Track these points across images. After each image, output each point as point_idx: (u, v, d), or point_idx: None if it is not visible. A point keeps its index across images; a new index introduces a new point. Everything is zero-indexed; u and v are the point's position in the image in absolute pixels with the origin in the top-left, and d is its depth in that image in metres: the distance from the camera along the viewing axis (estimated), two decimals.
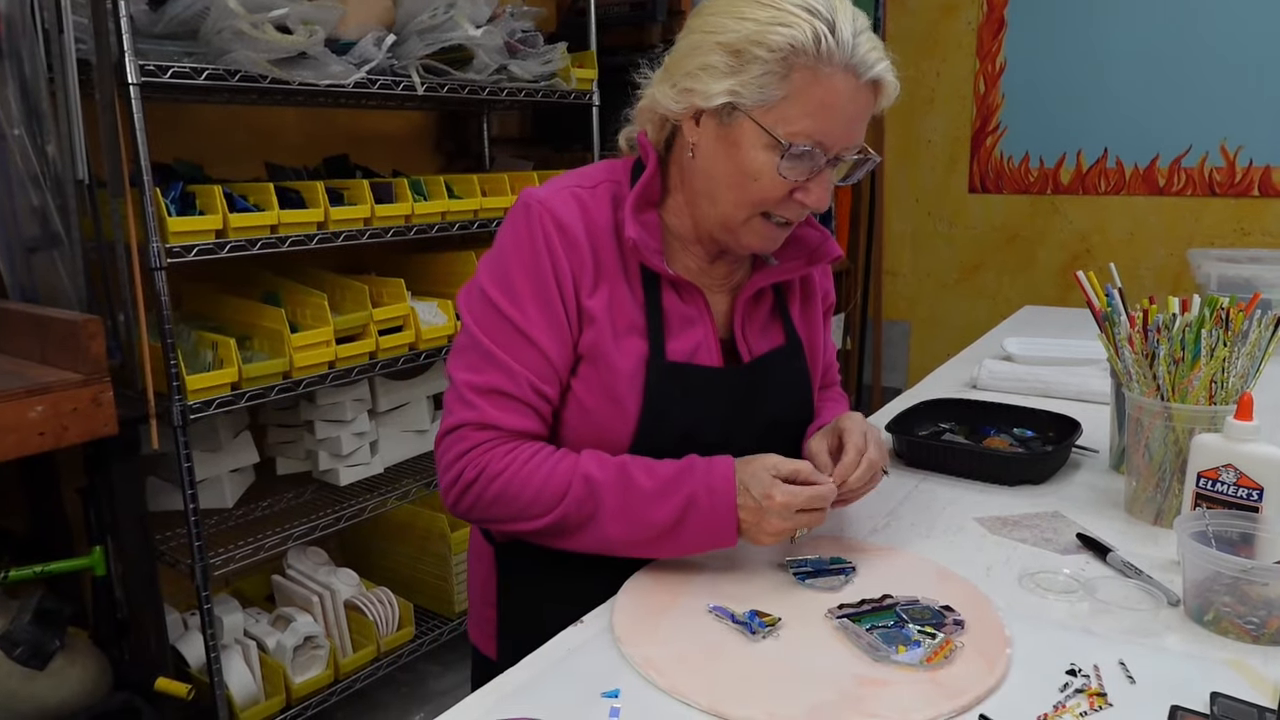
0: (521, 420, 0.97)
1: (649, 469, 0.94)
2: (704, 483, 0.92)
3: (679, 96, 0.95)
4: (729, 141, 0.94)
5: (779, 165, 0.92)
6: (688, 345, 1.01)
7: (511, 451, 0.96)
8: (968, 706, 0.76)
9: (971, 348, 2.07)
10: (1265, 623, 0.85)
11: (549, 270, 0.95)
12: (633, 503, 0.92)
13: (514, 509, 0.95)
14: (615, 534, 0.93)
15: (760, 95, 0.90)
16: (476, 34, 2.07)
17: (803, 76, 0.89)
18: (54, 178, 1.64)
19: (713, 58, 0.91)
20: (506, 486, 0.94)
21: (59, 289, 1.67)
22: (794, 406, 1.12)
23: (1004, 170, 3.60)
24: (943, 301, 3.85)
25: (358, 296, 2.04)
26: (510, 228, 0.99)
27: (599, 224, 0.99)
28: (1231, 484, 0.98)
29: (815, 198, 0.95)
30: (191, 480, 1.74)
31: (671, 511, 0.92)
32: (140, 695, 1.60)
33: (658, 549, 0.95)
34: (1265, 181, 3.16)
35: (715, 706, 0.76)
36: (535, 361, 0.96)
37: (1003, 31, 3.51)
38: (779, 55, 0.88)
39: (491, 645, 1.14)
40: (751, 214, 0.96)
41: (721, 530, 0.92)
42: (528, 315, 0.95)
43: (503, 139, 2.95)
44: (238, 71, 1.72)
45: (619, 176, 1.03)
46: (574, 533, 0.95)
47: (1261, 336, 1.07)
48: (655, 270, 0.99)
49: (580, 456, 0.96)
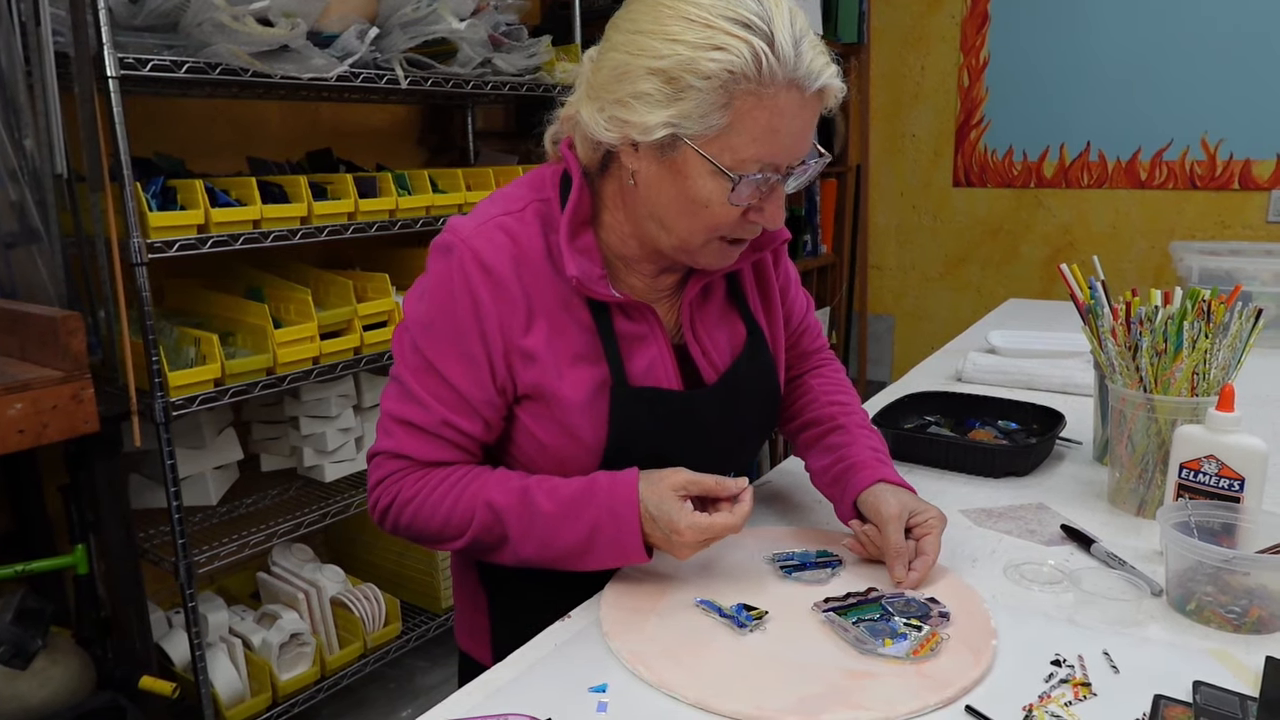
0: (434, 452, 0.95)
1: (551, 491, 0.91)
2: (607, 507, 0.89)
3: (610, 125, 0.87)
4: (674, 171, 0.87)
5: (729, 195, 0.86)
6: (642, 365, 0.97)
7: (421, 479, 0.95)
8: (954, 698, 0.76)
9: (956, 341, 2.08)
10: (1246, 612, 0.86)
11: (468, 315, 0.91)
12: (537, 527, 0.91)
13: (429, 532, 0.95)
14: (529, 554, 0.93)
15: (702, 125, 0.83)
16: (460, 27, 2.06)
17: (745, 103, 0.82)
18: (32, 172, 1.62)
19: (645, 85, 0.84)
20: (418, 513, 0.94)
21: (38, 285, 1.65)
22: (764, 408, 1.08)
23: (988, 164, 3.61)
24: (927, 295, 3.87)
25: (342, 292, 2.02)
26: (433, 268, 0.94)
27: (530, 254, 0.93)
28: (1213, 475, 0.99)
29: (769, 216, 0.91)
30: (175, 477, 1.72)
31: (578, 537, 0.90)
32: (124, 694, 1.58)
33: (577, 565, 0.92)
34: (1245, 175, 3.19)
35: (702, 700, 0.76)
36: (449, 398, 0.93)
37: (986, 25, 3.52)
38: (716, 83, 0.81)
39: (485, 651, 1.11)
40: (708, 239, 0.91)
41: (631, 552, 0.90)
42: (443, 355, 0.92)
43: (487, 133, 2.93)
44: (219, 64, 1.70)
45: (546, 193, 0.97)
46: (492, 552, 0.95)
47: (1242, 328, 1.08)
48: (603, 299, 0.94)
49: (486, 480, 0.93)
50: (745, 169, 0.85)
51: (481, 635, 1.11)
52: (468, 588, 1.13)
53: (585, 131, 0.91)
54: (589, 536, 0.89)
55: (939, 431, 1.42)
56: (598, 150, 0.93)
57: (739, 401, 1.03)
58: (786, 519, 1.15)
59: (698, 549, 0.89)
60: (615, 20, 0.90)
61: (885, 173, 3.84)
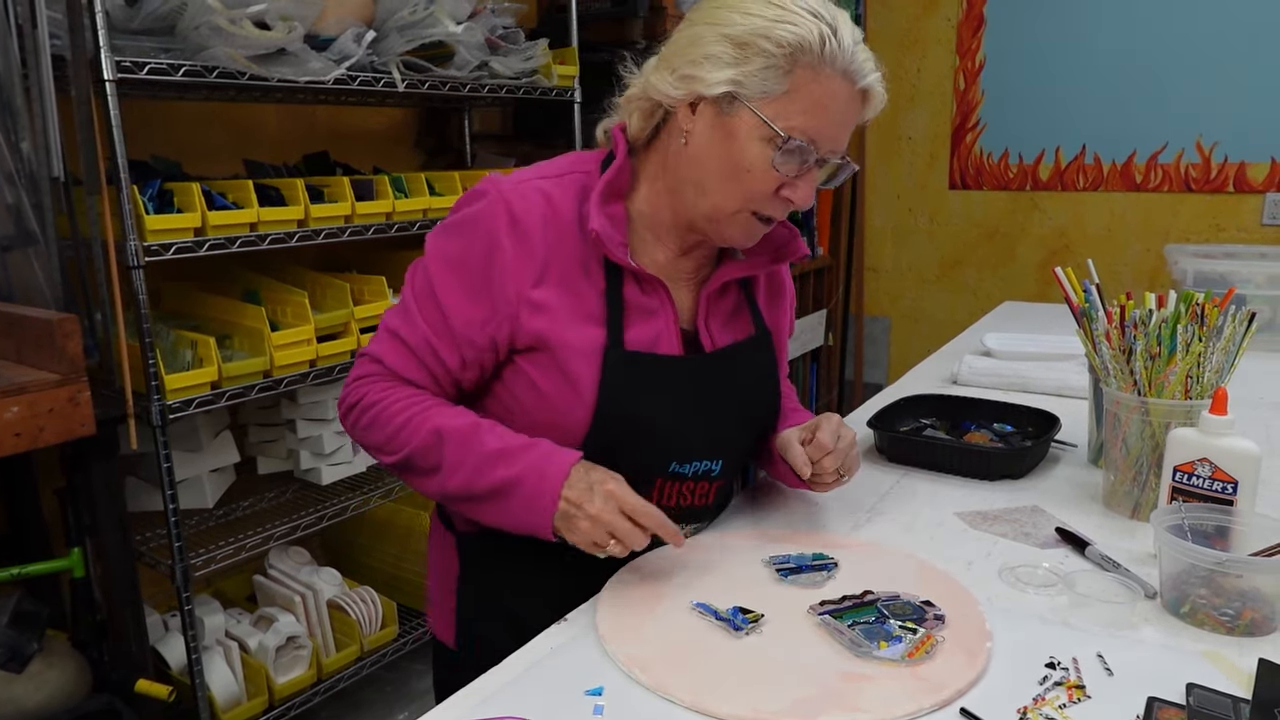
0: (409, 368, 1.00)
1: (500, 435, 0.96)
2: (538, 463, 0.93)
3: (678, 83, 0.95)
4: (726, 131, 0.95)
5: (773, 158, 0.93)
6: (648, 335, 1.01)
7: (390, 389, 1.01)
8: (949, 700, 0.77)
9: (952, 343, 2.08)
10: (1240, 614, 0.86)
11: (483, 257, 0.97)
12: (470, 459, 0.95)
13: (375, 441, 1.01)
14: (454, 485, 0.96)
15: (762, 87, 0.92)
16: (457, 30, 2.06)
17: (805, 74, 0.91)
18: (29, 175, 1.62)
19: (716, 48, 0.93)
20: (374, 420, 1.00)
21: (35, 288, 1.64)
22: (761, 397, 1.12)
23: (984, 166, 3.62)
24: (923, 297, 3.87)
25: (339, 294, 2.03)
26: (461, 209, 1.01)
27: (563, 215, 0.99)
28: (1207, 478, 1.00)
29: (802, 195, 0.97)
30: (171, 480, 1.72)
31: (503, 478, 0.93)
32: (120, 697, 1.58)
33: (488, 512, 0.96)
34: (1240, 178, 3.20)
35: (699, 703, 0.76)
36: (439, 325, 0.98)
37: (982, 28, 3.53)
38: (785, 51, 0.90)
39: (450, 634, 1.14)
40: (740, 208, 0.97)
41: (540, 509, 0.92)
42: (447, 285, 0.98)
43: (484, 135, 2.94)
44: (216, 68, 1.70)
45: (588, 168, 1.03)
46: (418, 477, 1.00)
47: (1236, 332, 1.09)
48: (617, 263, 0.99)
49: (442, 410, 0.99)
50: (793, 134, 0.92)
51: (448, 617, 1.13)
52: (439, 568, 1.16)
53: (652, 96, 0.98)
54: (513, 481, 0.93)
55: (934, 434, 1.42)
56: (653, 117, 1.01)
57: (734, 380, 1.08)
58: (783, 522, 1.15)
59: (593, 534, 0.91)
60: (697, 4, 0.99)
61: (881, 175, 3.85)
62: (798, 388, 3.73)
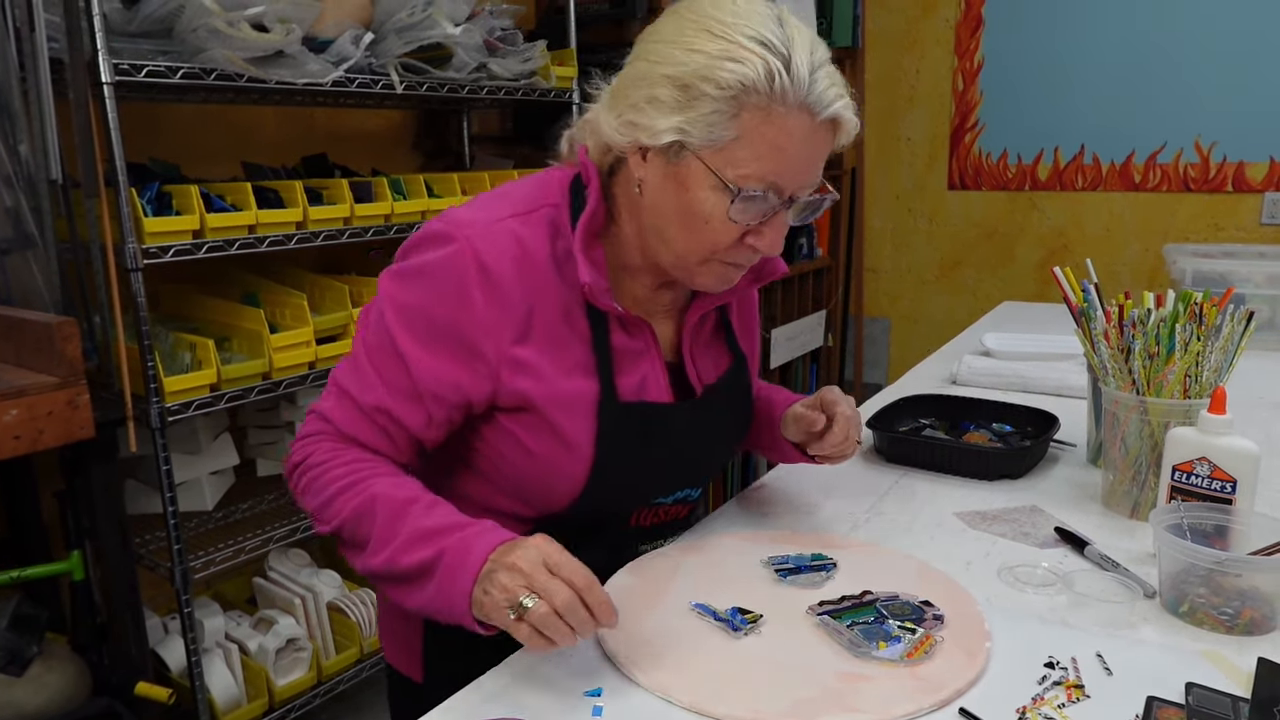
0: (359, 431, 0.91)
1: (441, 513, 0.84)
2: (462, 540, 0.81)
3: (623, 129, 0.88)
4: (677, 181, 0.87)
5: (729, 209, 0.85)
6: (636, 380, 0.97)
7: (336, 451, 0.91)
8: (948, 700, 0.77)
9: (951, 344, 2.08)
10: (1239, 613, 0.86)
11: (453, 313, 0.88)
12: (397, 535, 0.83)
13: (313, 505, 0.91)
14: (377, 564, 0.85)
15: (709, 135, 0.83)
16: (455, 32, 2.06)
17: (754, 116, 0.82)
18: (27, 178, 1.62)
19: (660, 90, 0.84)
20: (313, 481, 0.90)
21: (33, 291, 1.65)
22: (744, 420, 1.12)
23: (983, 167, 3.62)
24: (923, 298, 3.87)
25: (338, 296, 2.03)
26: (424, 254, 0.90)
27: (538, 259, 0.91)
28: (1206, 477, 0.99)
29: (768, 242, 0.89)
30: (171, 483, 1.72)
31: (424, 557, 0.81)
32: (120, 700, 1.58)
33: (408, 595, 0.84)
34: (1239, 177, 3.20)
35: (698, 704, 0.76)
36: (399, 383, 0.89)
37: (980, 29, 3.53)
38: (728, 94, 0.81)
39: (416, 666, 1.06)
40: (707, 258, 0.90)
41: (457, 593, 0.78)
42: (411, 341, 0.89)
43: (483, 137, 2.94)
44: (214, 70, 1.70)
45: (555, 198, 0.95)
46: (352, 551, 0.89)
47: (1234, 331, 1.09)
48: (605, 310, 0.93)
49: (385, 478, 0.88)
50: (747, 184, 0.84)
51: (412, 645, 1.06)
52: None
53: (600, 136, 0.91)
54: (433, 559, 0.81)
55: (934, 434, 1.42)
56: (607, 156, 0.94)
57: (717, 416, 1.05)
58: (782, 522, 1.15)
59: (511, 591, 0.75)
60: (644, 32, 0.91)
61: (880, 176, 3.85)
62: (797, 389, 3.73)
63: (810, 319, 3.64)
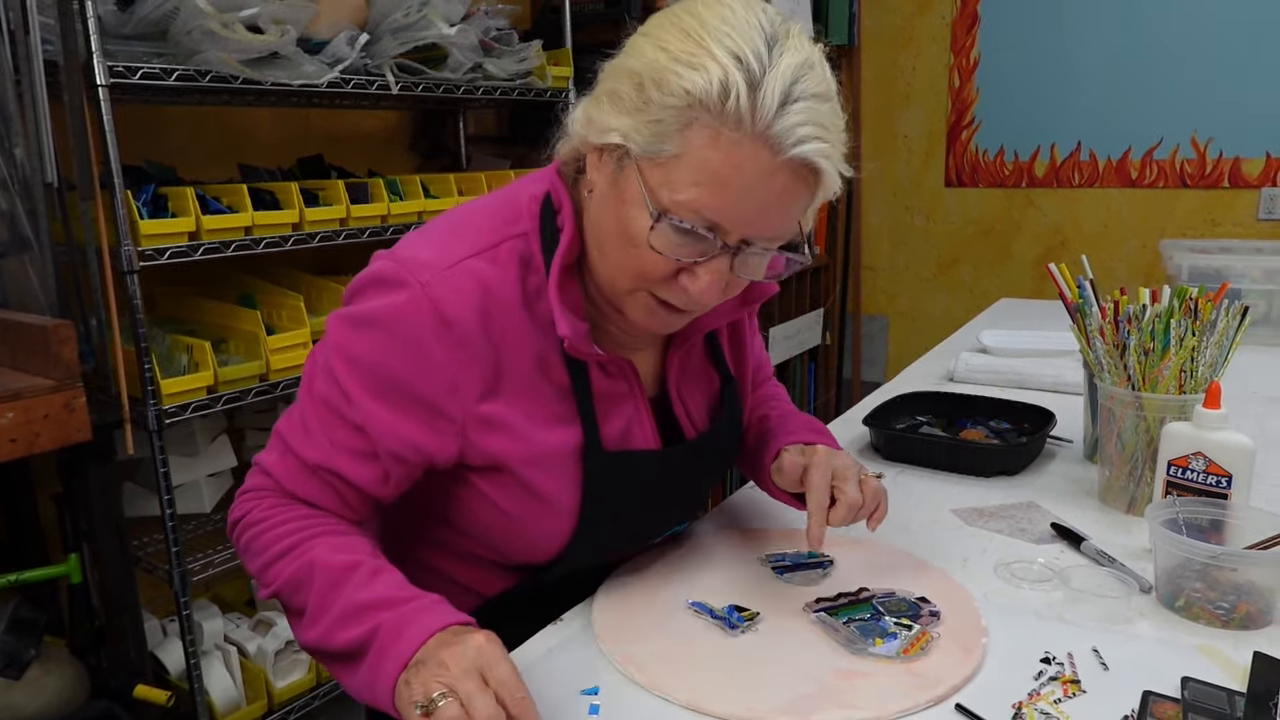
0: (304, 489, 0.82)
1: (383, 584, 0.75)
2: (399, 616, 0.71)
3: (581, 122, 0.79)
4: (618, 191, 0.77)
5: (648, 235, 0.74)
6: (619, 426, 0.89)
7: (276, 508, 0.82)
8: (944, 696, 0.77)
9: (948, 341, 2.09)
10: (1234, 608, 0.86)
11: (410, 369, 0.78)
12: (333, 608, 0.74)
13: (254, 566, 0.82)
14: (310, 638, 0.76)
15: (651, 145, 0.73)
16: (451, 32, 2.06)
17: (700, 136, 0.71)
18: (22, 181, 1.62)
19: (620, 84, 0.76)
20: (253, 540, 0.81)
21: (29, 294, 1.64)
22: (733, 448, 1.05)
23: (979, 164, 3.62)
24: (920, 295, 3.88)
25: (334, 298, 2.02)
26: (375, 299, 0.79)
27: (506, 303, 0.81)
28: (1201, 471, 1.00)
29: (700, 286, 0.77)
30: (168, 485, 1.72)
31: (358, 634, 0.72)
32: (119, 703, 1.58)
33: (340, 677, 0.75)
34: (1235, 173, 3.20)
35: (694, 701, 0.76)
36: (347, 441, 0.80)
37: (976, 26, 3.53)
38: (675, 103, 0.71)
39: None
40: (635, 287, 0.80)
41: (384, 676, 0.69)
42: (363, 395, 0.79)
43: (479, 137, 2.94)
44: (209, 72, 1.70)
45: (523, 225, 0.84)
46: (292, 620, 0.80)
47: (1229, 326, 1.09)
48: (585, 359, 0.84)
49: (332, 540, 0.79)
50: (677, 211, 0.73)
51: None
52: None
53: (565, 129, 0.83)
54: (366, 638, 0.71)
55: (931, 431, 1.42)
56: (576, 156, 0.84)
57: (711, 454, 1.00)
58: (778, 520, 1.15)
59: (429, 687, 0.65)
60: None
61: (877, 174, 3.85)
62: (796, 387, 3.74)
63: (808, 317, 3.64)
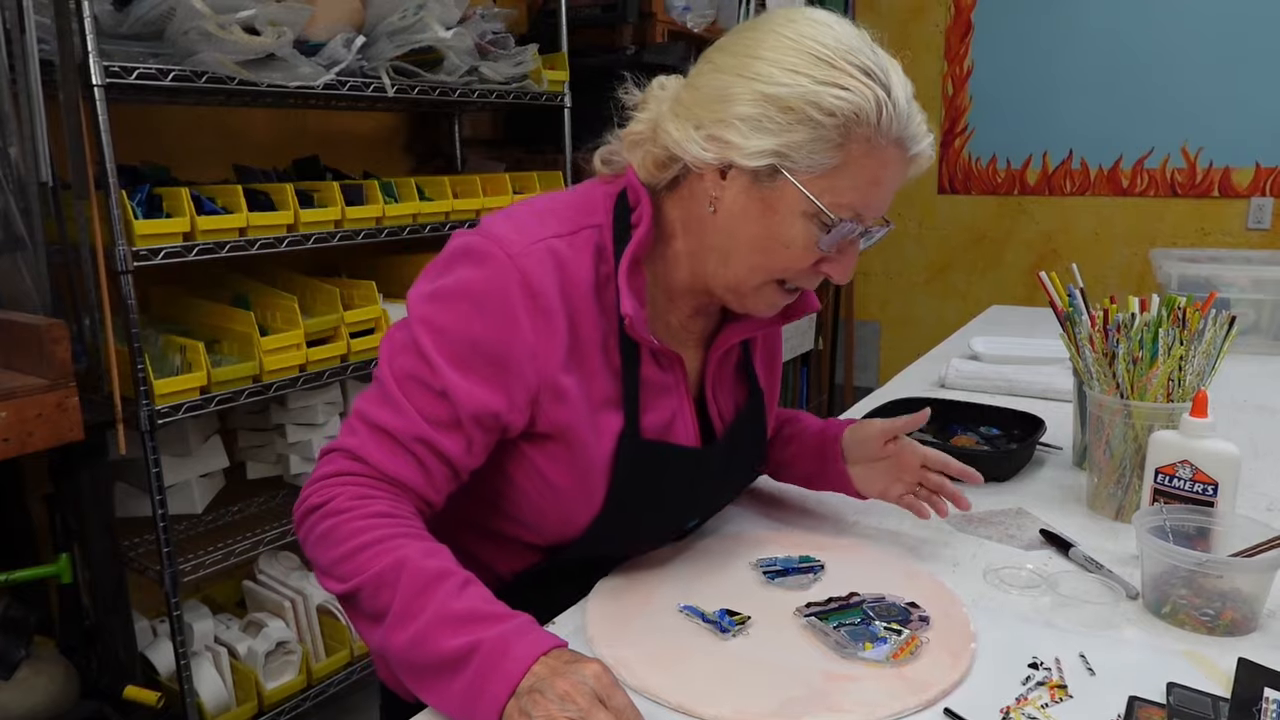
0: (397, 465, 0.82)
1: (474, 593, 0.75)
2: (503, 635, 0.72)
3: (707, 144, 0.84)
4: (764, 204, 0.84)
5: (819, 238, 0.84)
6: (662, 418, 0.93)
7: (364, 500, 0.80)
8: (933, 700, 0.77)
9: (940, 347, 2.10)
10: (1220, 614, 0.87)
11: (497, 334, 0.82)
12: (423, 613, 0.73)
13: (328, 557, 0.79)
14: (395, 644, 0.74)
15: (810, 161, 0.81)
16: (447, 35, 2.07)
17: (859, 148, 0.81)
18: (17, 180, 1.62)
19: (752, 109, 0.81)
20: (333, 529, 0.79)
21: (22, 293, 1.64)
22: (758, 458, 1.11)
23: (972, 171, 3.64)
24: (912, 302, 3.89)
25: (329, 299, 2.03)
26: (461, 271, 0.84)
27: (580, 285, 0.86)
28: (1188, 479, 1.01)
29: (842, 269, 0.89)
30: (160, 486, 1.72)
31: (452, 649, 0.71)
32: (109, 704, 1.58)
33: (426, 687, 0.73)
34: (1225, 182, 3.23)
35: (685, 704, 0.77)
36: (437, 411, 0.82)
37: (970, 34, 3.56)
38: (838, 122, 0.80)
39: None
40: (767, 280, 0.88)
41: (492, 691, 0.69)
42: (451, 363, 0.82)
43: (474, 140, 2.94)
44: (205, 73, 1.70)
45: (598, 218, 0.90)
46: (366, 622, 0.79)
47: (1217, 335, 1.10)
48: (640, 342, 0.89)
49: (419, 543, 0.78)
50: (841, 212, 0.83)
51: None
52: None
53: (670, 148, 0.86)
54: (467, 651, 0.71)
55: (921, 437, 1.43)
56: (668, 169, 0.89)
57: (736, 458, 1.04)
58: (770, 524, 1.16)
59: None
60: (721, 44, 0.88)
61: None
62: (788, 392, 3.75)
63: (801, 322, 3.65)
